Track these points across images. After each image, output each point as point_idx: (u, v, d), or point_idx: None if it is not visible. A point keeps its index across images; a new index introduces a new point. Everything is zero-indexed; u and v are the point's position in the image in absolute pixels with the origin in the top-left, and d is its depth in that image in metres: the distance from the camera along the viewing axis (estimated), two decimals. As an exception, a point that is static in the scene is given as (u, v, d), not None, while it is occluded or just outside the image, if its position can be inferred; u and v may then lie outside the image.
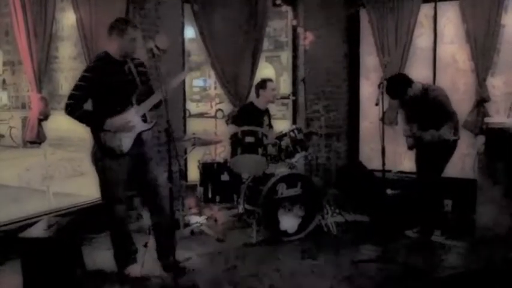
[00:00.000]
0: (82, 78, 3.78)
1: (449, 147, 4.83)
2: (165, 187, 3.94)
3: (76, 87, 3.76)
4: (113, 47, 3.88)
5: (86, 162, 8.79)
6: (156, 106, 4.04)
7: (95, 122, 3.80)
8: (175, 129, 4.94)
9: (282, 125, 7.27)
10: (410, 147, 5.12)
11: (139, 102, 3.93)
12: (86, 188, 6.45)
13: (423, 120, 4.86)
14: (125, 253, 4.08)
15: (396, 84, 4.82)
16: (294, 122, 6.94)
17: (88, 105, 3.85)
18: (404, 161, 6.42)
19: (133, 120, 3.86)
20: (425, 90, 4.83)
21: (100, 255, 4.45)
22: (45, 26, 4.58)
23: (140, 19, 5.71)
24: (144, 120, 3.97)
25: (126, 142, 3.86)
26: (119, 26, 3.86)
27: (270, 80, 5.72)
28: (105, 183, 3.94)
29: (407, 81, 4.85)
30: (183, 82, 6.41)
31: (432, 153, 4.85)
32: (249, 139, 4.99)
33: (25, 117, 12.21)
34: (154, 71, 4.02)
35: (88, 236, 4.92)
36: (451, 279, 4.01)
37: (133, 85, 3.93)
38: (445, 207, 5.87)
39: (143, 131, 3.96)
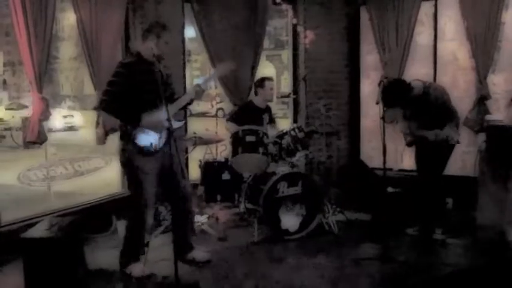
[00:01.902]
0: (116, 74, 3.84)
1: (450, 144, 4.81)
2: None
3: (110, 83, 3.83)
4: (146, 48, 3.93)
5: (87, 162, 8.85)
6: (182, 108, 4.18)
7: (132, 118, 3.83)
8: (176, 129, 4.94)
9: (282, 123, 7.27)
10: (409, 144, 5.07)
11: (169, 103, 3.95)
12: (87, 188, 6.47)
13: (424, 119, 4.82)
14: (134, 250, 4.09)
15: (395, 92, 4.61)
16: (295, 120, 6.95)
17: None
18: (405, 159, 6.41)
19: (165, 120, 3.88)
20: (427, 89, 4.71)
21: (102, 255, 4.46)
22: (45, 27, 4.58)
23: (140, 19, 5.72)
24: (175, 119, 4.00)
25: (160, 140, 3.93)
26: (157, 29, 3.94)
27: (268, 78, 5.73)
28: (136, 180, 3.96)
29: (406, 88, 4.66)
30: (184, 82, 6.44)
31: (433, 152, 4.83)
32: (250, 138, 5.00)
33: (26, 118, 12.22)
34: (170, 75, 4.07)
35: (90, 235, 4.93)
36: (452, 277, 4.01)
37: (164, 85, 3.96)
38: (446, 205, 5.87)
39: (174, 129, 3.97)
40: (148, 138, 3.87)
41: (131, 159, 3.92)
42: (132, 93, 3.81)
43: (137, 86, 3.83)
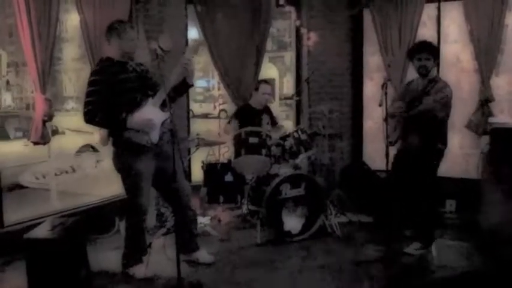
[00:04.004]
0: (92, 83, 3.79)
1: (437, 150, 4.51)
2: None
3: (89, 94, 3.77)
4: (113, 50, 3.92)
5: (90, 163, 8.84)
6: (179, 92, 4.10)
7: (117, 122, 3.81)
8: (179, 130, 4.96)
9: (285, 125, 7.27)
10: (393, 142, 4.72)
11: (152, 95, 3.96)
12: (90, 189, 6.46)
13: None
14: (136, 252, 4.09)
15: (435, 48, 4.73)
16: (298, 122, 6.95)
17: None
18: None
19: (152, 115, 3.87)
20: (437, 77, 4.62)
21: (105, 256, 4.47)
22: (49, 27, 4.59)
23: (144, 20, 5.72)
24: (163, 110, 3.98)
25: (153, 134, 3.89)
26: (117, 28, 3.92)
27: (265, 81, 5.76)
28: (133, 183, 3.95)
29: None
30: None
31: (416, 157, 4.51)
32: (253, 140, 5.01)
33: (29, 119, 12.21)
34: (157, 72, 4.04)
35: (93, 236, 4.94)
36: (454, 279, 4.00)
37: (141, 80, 3.97)
38: (449, 207, 5.87)
39: (164, 121, 3.96)
40: (142, 136, 3.84)
41: (126, 163, 3.91)
42: (112, 97, 3.78)
43: (116, 89, 3.79)
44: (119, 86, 3.81)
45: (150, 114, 3.87)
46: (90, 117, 3.75)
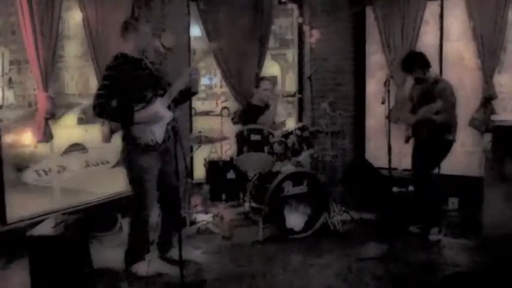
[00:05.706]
0: (106, 77, 3.83)
1: (446, 141, 4.80)
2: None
3: (101, 87, 3.82)
4: (128, 46, 3.95)
5: (93, 160, 8.83)
6: (183, 98, 4.16)
7: (125, 116, 3.85)
8: (182, 127, 4.95)
9: (288, 123, 7.27)
10: (407, 139, 5.07)
11: (162, 95, 3.98)
12: (93, 186, 6.47)
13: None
14: (138, 249, 4.11)
15: (415, 59, 4.86)
16: (300, 120, 6.94)
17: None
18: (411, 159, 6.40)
19: (161, 111, 3.91)
20: (437, 79, 4.82)
21: (107, 253, 4.48)
22: (51, 25, 4.59)
23: (146, 17, 5.72)
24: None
25: (158, 134, 3.93)
26: (132, 23, 3.97)
27: (265, 78, 5.76)
28: (138, 179, 3.98)
29: (426, 62, 4.86)
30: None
31: (427, 148, 4.83)
32: (255, 137, 5.01)
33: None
34: (160, 69, 4.06)
35: (95, 233, 4.95)
36: (457, 277, 4.00)
37: (153, 79, 3.98)
38: (452, 205, 5.87)
39: (171, 121, 3.98)
40: (147, 135, 3.88)
41: (133, 158, 3.94)
42: (124, 93, 3.82)
43: (128, 85, 3.83)
44: (131, 82, 3.85)
45: (157, 109, 3.91)
46: (100, 110, 3.79)
